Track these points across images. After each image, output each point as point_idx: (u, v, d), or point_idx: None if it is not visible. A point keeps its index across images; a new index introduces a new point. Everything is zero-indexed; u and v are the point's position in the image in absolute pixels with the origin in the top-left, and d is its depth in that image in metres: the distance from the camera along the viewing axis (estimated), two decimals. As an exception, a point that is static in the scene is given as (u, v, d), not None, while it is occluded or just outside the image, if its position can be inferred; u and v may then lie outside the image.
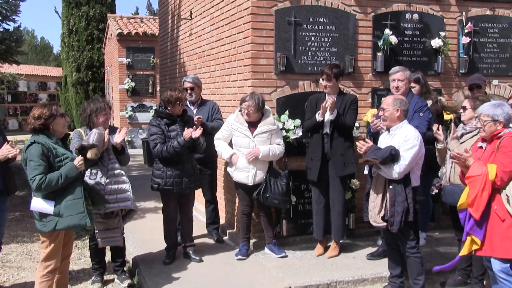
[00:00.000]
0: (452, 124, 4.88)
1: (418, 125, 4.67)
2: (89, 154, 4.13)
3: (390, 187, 4.17)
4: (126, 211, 4.70)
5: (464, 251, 3.91)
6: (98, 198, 4.25)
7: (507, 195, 3.63)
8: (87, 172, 4.45)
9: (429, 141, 4.82)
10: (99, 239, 4.55)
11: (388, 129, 4.37)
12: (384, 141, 4.38)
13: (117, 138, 4.59)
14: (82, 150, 4.15)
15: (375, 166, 4.26)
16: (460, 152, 3.81)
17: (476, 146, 4.04)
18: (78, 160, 3.94)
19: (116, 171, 4.54)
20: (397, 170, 4.09)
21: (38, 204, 3.89)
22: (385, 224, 4.23)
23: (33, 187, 3.85)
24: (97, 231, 4.50)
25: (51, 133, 3.98)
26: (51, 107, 3.99)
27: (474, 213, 3.69)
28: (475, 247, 3.80)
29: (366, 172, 4.69)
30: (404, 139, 4.15)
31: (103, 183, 4.42)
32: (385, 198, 4.24)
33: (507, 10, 6.50)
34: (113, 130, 4.84)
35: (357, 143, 4.47)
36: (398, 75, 4.97)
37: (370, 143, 4.33)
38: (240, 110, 5.15)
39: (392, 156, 4.08)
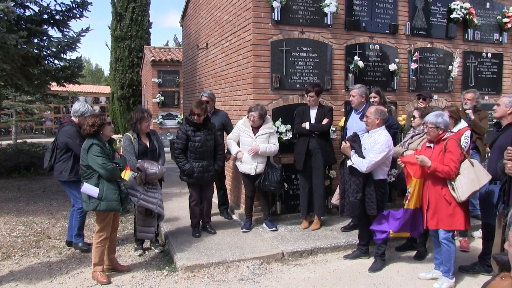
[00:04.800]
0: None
1: None
2: (138, 180, 4.22)
3: (367, 187, 4.05)
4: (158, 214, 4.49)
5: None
6: (125, 199, 3.99)
7: (452, 184, 3.66)
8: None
9: None
10: (138, 232, 4.46)
11: (368, 131, 4.22)
12: (364, 140, 4.21)
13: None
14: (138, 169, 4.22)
15: (347, 158, 4.11)
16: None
17: (425, 145, 3.96)
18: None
19: (153, 199, 4.34)
20: (365, 165, 3.95)
21: (87, 188, 3.78)
22: (337, 204, 4.26)
23: (102, 172, 3.74)
24: (137, 226, 4.44)
25: (101, 137, 3.87)
26: (101, 117, 3.87)
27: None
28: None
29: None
30: (375, 142, 4.01)
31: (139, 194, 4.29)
32: (342, 190, 4.17)
33: (441, 44, 6.37)
34: (153, 133, 4.69)
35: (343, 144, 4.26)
36: (352, 92, 4.87)
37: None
38: (248, 117, 4.97)
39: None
